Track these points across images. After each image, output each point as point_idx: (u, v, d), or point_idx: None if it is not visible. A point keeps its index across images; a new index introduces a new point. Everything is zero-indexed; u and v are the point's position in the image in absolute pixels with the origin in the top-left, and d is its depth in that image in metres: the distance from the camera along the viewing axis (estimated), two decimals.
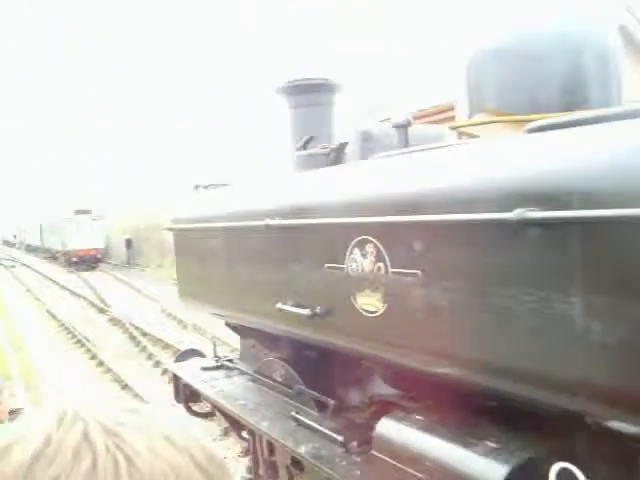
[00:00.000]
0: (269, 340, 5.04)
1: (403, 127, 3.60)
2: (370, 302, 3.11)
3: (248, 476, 5.55)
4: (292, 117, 5.32)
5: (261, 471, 4.89)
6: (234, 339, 6.63)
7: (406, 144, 3.56)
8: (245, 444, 5.44)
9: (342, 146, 4.58)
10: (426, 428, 2.79)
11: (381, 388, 3.92)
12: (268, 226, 3.99)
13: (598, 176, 1.99)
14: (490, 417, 2.71)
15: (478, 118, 3.52)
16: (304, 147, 5.06)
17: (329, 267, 3.44)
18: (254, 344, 5.50)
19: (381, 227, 2.99)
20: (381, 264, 3.00)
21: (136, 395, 11.28)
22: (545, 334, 2.16)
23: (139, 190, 40.31)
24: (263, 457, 4.75)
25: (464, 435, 2.64)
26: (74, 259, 37.23)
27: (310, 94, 5.26)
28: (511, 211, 2.17)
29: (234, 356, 6.13)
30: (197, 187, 6.03)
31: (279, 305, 3.90)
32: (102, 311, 20.29)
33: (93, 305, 21.85)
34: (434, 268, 2.68)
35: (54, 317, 20.58)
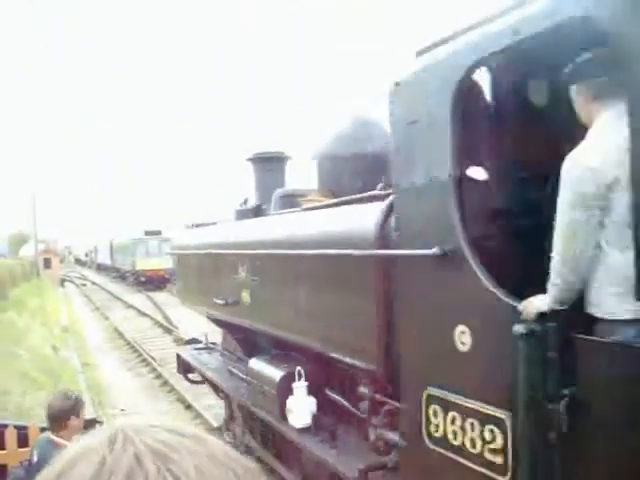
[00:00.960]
0: (225, 325, 8.03)
1: (286, 197, 6.79)
2: (246, 296, 6.26)
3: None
4: (255, 178, 7.99)
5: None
6: None
7: (284, 207, 6.55)
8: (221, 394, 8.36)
9: (258, 207, 7.52)
10: (268, 360, 5.96)
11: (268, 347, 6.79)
12: (210, 254, 7.38)
13: (339, 232, 4.53)
14: (293, 357, 5.70)
15: (310, 196, 6.26)
16: (244, 203, 7.87)
17: (233, 277, 6.62)
18: (223, 330, 8.64)
19: (248, 256, 6.18)
20: (249, 274, 6.21)
21: (198, 415, 11.34)
22: (337, 317, 4.58)
23: (201, 213, 41.19)
24: (227, 404, 8.06)
25: (278, 363, 5.70)
26: (142, 279, 38.01)
27: (267, 163, 7.91)
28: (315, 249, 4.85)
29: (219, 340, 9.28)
30: (190, 225, 9.43)
31: (214, 299, 7.19)
32: (168, 331, 20.57)
33: (159, 325, 22.19)
34: (267, 275, 5.82)
35: (121, 335, 21.02)
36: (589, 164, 2.55)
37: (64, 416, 4.17)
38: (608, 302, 2.59)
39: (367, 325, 4.10)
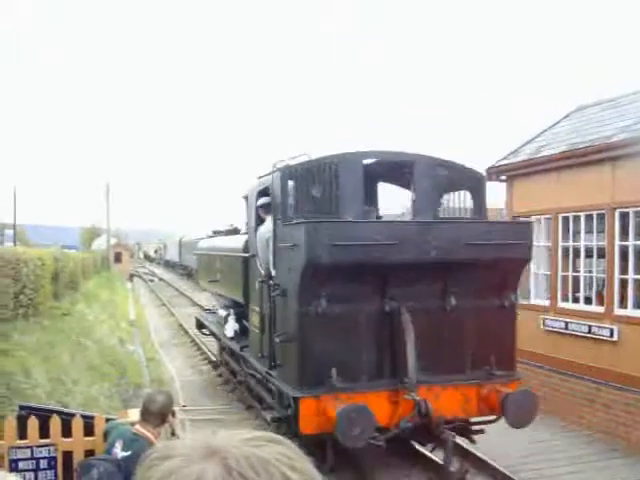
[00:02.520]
0: (214, 295, 14.39)
1: (226, 232, 13.40)
2: (218, 277, 12.55)
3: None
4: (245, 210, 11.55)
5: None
6: None
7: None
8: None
9: (233, 228, 13.25)
10: (223, 309, 12.32)
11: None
12: (208, 254, 14.21)
13: (231, 246, 12.17)
14: (230, 304, 11.86)
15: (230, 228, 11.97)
16: (230, 226, 13.58)
17: (215, 267, 13.75)
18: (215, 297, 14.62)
19: (218, 255, 12.93)
20: (218, 265, 12.94)
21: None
22: (234, 282, 12.09)
23: None
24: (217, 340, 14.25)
25: (225, 308, 12.03)
26: None
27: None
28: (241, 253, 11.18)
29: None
30: (213, 232, 14.95)
31: (208, 281, 13.58)
32: None
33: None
34: (218, 264, 12.43)
35: (186, 332, 21.29)
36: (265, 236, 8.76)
37: (166, 413, 4.29)
38: None
39: (240, 283, 10.33)
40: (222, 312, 11.90)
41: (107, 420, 5.20)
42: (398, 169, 9.15)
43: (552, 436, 10.34)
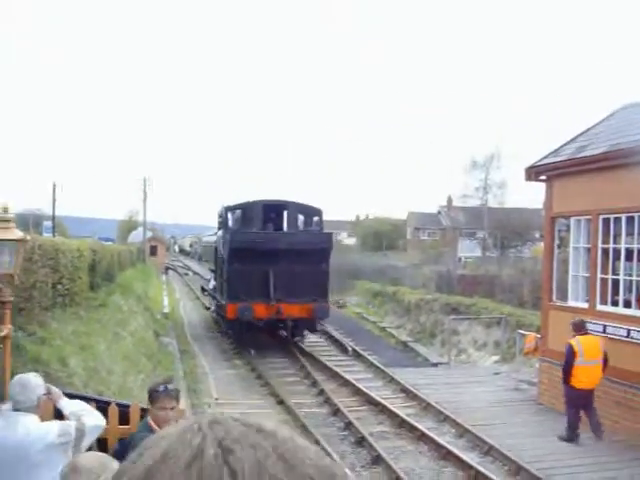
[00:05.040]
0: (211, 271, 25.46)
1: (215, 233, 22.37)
2: (212, 256, 23.06)
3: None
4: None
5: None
6: None
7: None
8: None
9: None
10: (210, 277, 25.24)
11: None
12: (209, 246, 23.13)
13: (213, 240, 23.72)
14: (211, 275, 24.95)
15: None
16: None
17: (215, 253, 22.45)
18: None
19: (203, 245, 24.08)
20: (210, 250, 24.89)
21: (290, 411, 11.34)
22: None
23: None
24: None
25: (210, 278, 24.80)
26: None
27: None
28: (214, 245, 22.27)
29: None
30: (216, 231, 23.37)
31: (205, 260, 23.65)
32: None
33: None
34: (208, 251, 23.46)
35: (219, 326, 21.39)
36: None
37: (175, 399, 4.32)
38: None
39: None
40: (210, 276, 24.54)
41: (142, 410, 5.22)
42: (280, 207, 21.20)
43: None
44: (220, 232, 21.36)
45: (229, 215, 20.52)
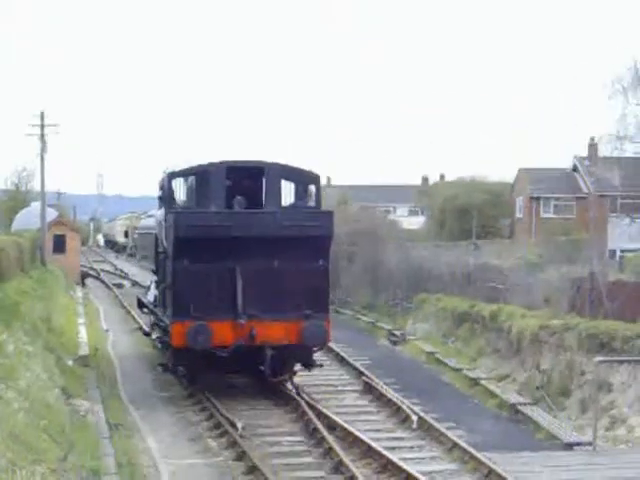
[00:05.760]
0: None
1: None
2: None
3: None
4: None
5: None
6: None
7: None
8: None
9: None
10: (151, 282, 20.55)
11: None
12: (147, 233, 21.57)
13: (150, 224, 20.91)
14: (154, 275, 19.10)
15: None
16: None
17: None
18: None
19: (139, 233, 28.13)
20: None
21: None
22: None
23: None
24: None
25: (151, 281, 20.23)
26: None
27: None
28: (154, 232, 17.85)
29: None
30: (145, 214, 32.47)
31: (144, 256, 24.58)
32: None
33: None
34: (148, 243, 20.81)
35: (180, 382, 15.82)
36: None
37: None
38: None
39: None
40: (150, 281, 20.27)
41: None
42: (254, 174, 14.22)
43: None
44: (161, 212, 14.62)
45: (175, 186, 13.98)
